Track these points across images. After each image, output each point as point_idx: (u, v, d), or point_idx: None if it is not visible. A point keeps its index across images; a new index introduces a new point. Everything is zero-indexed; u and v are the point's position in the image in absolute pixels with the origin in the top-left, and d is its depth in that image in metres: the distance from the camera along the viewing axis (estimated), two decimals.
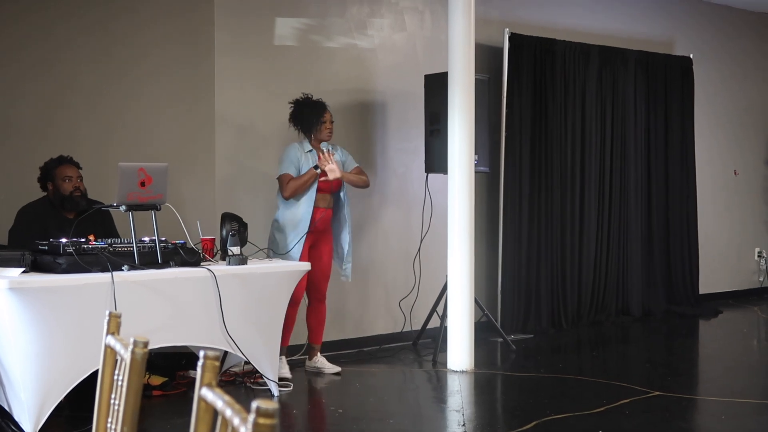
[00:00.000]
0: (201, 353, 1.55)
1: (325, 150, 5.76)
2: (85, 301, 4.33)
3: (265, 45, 6.45)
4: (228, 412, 1.41)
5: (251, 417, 1.24)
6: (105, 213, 5.24)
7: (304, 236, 5.69)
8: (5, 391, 4.38)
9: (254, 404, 1.25)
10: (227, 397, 1.44)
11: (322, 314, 6.04)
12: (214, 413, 1.51)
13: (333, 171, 5.68)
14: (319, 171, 5.68)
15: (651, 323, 8.35)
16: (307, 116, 5.79)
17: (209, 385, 1.52)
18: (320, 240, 5.88)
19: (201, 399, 1.53)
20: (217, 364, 1.55)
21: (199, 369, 1.54)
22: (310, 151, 5.79)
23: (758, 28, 10.08)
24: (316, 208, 5.75)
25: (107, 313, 1.95)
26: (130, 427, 1.74)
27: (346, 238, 5.96)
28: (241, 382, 5.61)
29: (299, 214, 5.71)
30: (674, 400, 5.35)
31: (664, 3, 9.15)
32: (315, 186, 5.72)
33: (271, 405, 1.24)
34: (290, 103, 5.87)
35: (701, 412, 5.35)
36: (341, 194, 5.95)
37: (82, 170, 5.26)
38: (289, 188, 5.69)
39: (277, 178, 5.77)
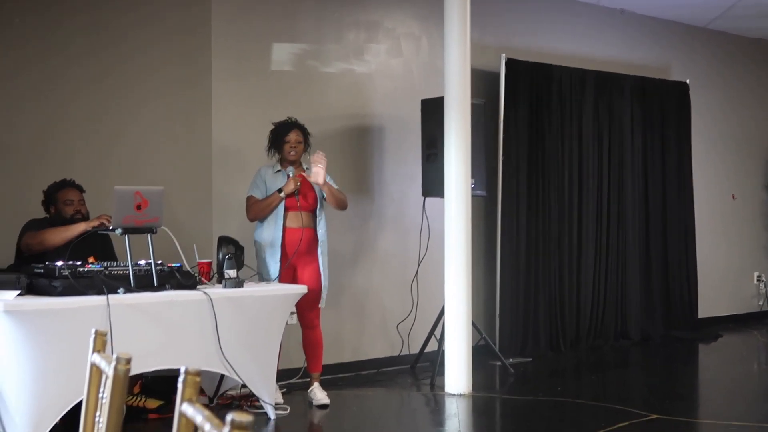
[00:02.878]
0: (181, 369, 1.55)
1: (291, 174, 5.64)
2: (81, 324, 4.32)
3: (261, 70, 6.49)
4: (207, 427, 1.41)
5: (226, 430, 1.25)
6: (104, 236, 5.25)
7: (279, 258, 5.57)
8: (0, 413, 4.37)
9: (229, 416, 1.26)
10: (207, 412, 1.45)
11: (315, 342, 5.83)
12: (195, 429, 1.51)
13: (317, 174, 5.55)
14: (282, 195, 5.57)
15: (650, 347, 8.32)
16: (274, 137, 5.75)
17: (190, 401, 1.53)
18: (302, 263, 5.71)
19: (182, 414, 1.54)
20: (198, 379, 1.56)
21: (179, 384, 1.55)
22: (279, 171, 5.70)
23: (754, 54, 10.13)
24: (288, 228, 5.63)
25: (93, 331, 1.96)
26: None
27: (321, 261, 5.73)
28: (237, 405, 5.60)
29: (270, 234, 5.62)
30: (673, 423, 5.33)
31: (660, 29, 9.21)
32: (281, 206, 5.63)
33: (245, 417, 1.24)
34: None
35: None
36: (317, 213, 5.76)
37: (85, 193, 5.29)
38: (251, 210, 5.65)
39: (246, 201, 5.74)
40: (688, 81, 9.07)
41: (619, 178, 8.48)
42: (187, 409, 1.53)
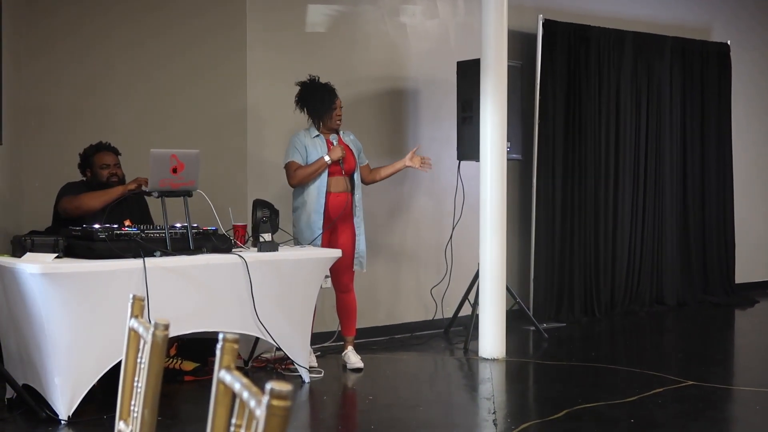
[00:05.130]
0: (220, 336, 1.55)
1: (334, 142, 5.63)
2: (118, 287, 4.37)
3: (296, 32, 6.45)
4: (245, 395, 1.41)
5: (265, 399, 1.24)
6: (140, 199, 5.28)
7: (321, 224, 5.55)
8: (39, 375, 4.43)
9: (268, 386, 1.25)
10: (245, 380, 1.44)
11: (349, 306, 5.83)
12: (233, 396, 1.51)
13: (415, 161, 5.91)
14: (329, 161, 5.54)
15: (686, 312, 8.27)
16: (317, 102, 5.62)
17: (228, 368, 1.52)
18: (340, 227, 5.69)
19: (220, 381, 1.53)
20: (236, 346, 1.55)
21: (218, 351, 1.54)
22: (317, 136, 5.63)
23: None
24: (330, 193, 5.59)
25: (131, 296, 1.96)
26: (151, 409, 1.75)
27: (359, 227, 5.75)
28: (272, 368, 5.64)
29: (313, 199, 5.58)
30: (708, 390, 5.29)
31: None
32: (325, 171, 5.58)
33: (284, 387, 1.23)
34: (297, 84, 5.68)
35: (735, 403, 5.29)
36: (355, 177, 5.75)
37: (120, 156, 5.30)
38: (296, 176, 5.56)
39: (284, 167, 5.64)
40: (729, 42, 8.91)
41: (657, 142, 8.37)
42: (225, 376, 1.52)
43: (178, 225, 4.80)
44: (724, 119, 8.90)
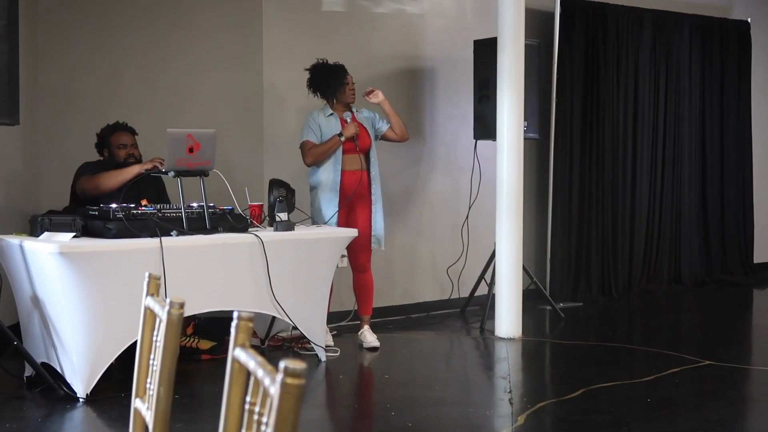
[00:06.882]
0: (234, 314, 1.55)
1: (348, 120, 5.64)
2: (135, 266, 4.37)
3: (313, 11, 6.43)
4: (260, 373, 1.41)
5: (279, 377, 1.24)
6: (157, 178, 5.29)
7: (337, 202, 5.55)
8: (57, 353, 4.46)
9: (282, 364, 1.25)
10: (260, 358, 1.44)
11: (366, 285, 5.83)
12: (248, 374, 1.51)
13: (376, 95, 5.77)
14: (342, 138, 5.55)
15: (703, 292, 8.23)
16: (328, 81, 5.64)
17: (242, 346, 1.52)
18: (357, 206, 5.69)
19: (234, 360, 1.53)
20: (251, 325, 1.55)
21: (232, 330, 1.55)
22: (332, 114, 5.65)
23: None
24: (345, 171, 5.60)
25: (146, 274, 1.96)
26: (167, 387, 1.75)
27: (376, 204, 5.74)
28: (288, 347, 5.65)
29: (328, 178, 5.58)
30: (726, 369, 5.27)
31: None
32: (340, 149, 5.59)
33: (299, 365, 1.23)
34: (306, 69, 5.70)
35: (753, 382, 5.27)
36: (371, 155, 5.75)
37: (137, 136, 5.30)
38: (310, 155, 5.56)
39: (299, 146, 5.65)
40: (749, 20, 8.81)
41: (676, 121, 8.31)
42: (240, 354, 1.53)
43: (195, 204, 4.81)
44: (744, 98, 8.83)
